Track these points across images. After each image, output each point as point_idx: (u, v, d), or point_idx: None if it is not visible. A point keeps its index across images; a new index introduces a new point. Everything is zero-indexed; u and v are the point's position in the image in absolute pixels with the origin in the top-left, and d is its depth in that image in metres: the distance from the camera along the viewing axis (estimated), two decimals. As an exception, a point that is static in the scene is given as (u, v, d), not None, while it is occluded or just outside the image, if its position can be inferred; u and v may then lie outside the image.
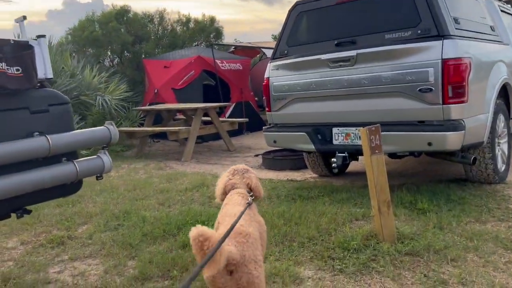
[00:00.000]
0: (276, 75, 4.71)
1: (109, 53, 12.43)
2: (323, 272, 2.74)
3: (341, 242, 3.05)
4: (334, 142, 4.39)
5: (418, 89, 3.82)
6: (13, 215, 2.62)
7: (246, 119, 8.81)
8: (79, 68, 9.41)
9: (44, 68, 2.87)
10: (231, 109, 10.17)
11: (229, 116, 9.90)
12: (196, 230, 1.49)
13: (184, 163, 7.29)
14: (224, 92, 10.11)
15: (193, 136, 7.60)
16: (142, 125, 9.10)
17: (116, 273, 2.99)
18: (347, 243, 3.00)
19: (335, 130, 4.37)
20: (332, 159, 4.29)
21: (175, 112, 8.58)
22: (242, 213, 1.81)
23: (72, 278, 2.98)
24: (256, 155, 6.93)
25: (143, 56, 12.24)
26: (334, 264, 2.81)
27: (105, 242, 3.55)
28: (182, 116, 9.05)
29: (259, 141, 9.17)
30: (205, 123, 8.83)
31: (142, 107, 8.91)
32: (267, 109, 4.85)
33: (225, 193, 2.18)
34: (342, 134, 4.33)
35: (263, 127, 4.91)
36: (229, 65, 10.53)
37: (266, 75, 4.82)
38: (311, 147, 4.46)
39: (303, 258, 2.95)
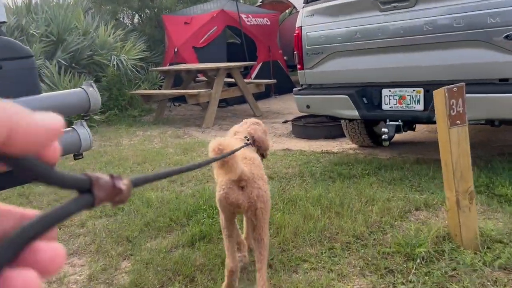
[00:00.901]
0: (311, 23, 3.78)
1: (126, 9, 11.56)
2: (380, 294, 1.95)
3: (402, 245, 2.24)
4: (384, 107, 3.49)
5: (504, 35, 2.84)
6: None
7: (274, 81, 7.89)
8: (93, 26, 8.65)
9: (-9, 8, 2.09)
10: (257, 69, 9.26)
11: (256, 77, 9.02)
12: (215, 142, 1.66)
13: (205, 130, 6.54)
14: (250, 51, 9.18)
15: (215, 100, 6.80)
16: (162, 87, 8.38)
17: (103, 281, 2.30)
18: (411, 249, 2.19)
19: (385, 91, 3.46)
20: (383, 130, 3.40)
21: (195, 73, 7.76)
22: (242, 147, 1.83)
23: (47, 286, 2.31)
24: (285, 122, 6.08)
25: (164, 12, 11.37)
26: (395, 281, 2.00)
27: (97, 233, 2.87)
28: (204, 78, 8.24)
29: (289, 106, 8.30)
30: (229, 85, 8.00)
31: (159, 68, 8.12)
32: (298, 66, 3.97)
33: None
34: (395, 97, 3.42)
35: (294, 89, 4.04)
36: (255, 20, 9.53)
37: (297, 24, 3.90)
38: (355, 113, 3.57)
39: (350, 269, 2.16)
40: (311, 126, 5.50)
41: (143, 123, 7.35)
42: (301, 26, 3.85)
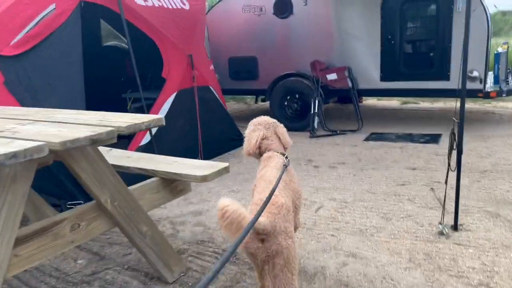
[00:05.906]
0: None
1: None
2: None
3: None
4: None
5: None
6: None
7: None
8: None
9: None
10: (165, 109, 4.13)
11: (157, 131, 3.89)
12: (222, 202, 1.48)
13: None
14: (148, 66, 4.02)
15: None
16: None
17: None
18: None
19: None
20: None
21: None
22: (278, 180, 1.75)
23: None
24: None
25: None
26: None
27: None
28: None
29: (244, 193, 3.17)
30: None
31: None
32: None
33: (259, 149, 2.14)
34: None
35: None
36: (159, 0, 4.37)
37: None
38: None
39: None
40: None
41: None
42: None
